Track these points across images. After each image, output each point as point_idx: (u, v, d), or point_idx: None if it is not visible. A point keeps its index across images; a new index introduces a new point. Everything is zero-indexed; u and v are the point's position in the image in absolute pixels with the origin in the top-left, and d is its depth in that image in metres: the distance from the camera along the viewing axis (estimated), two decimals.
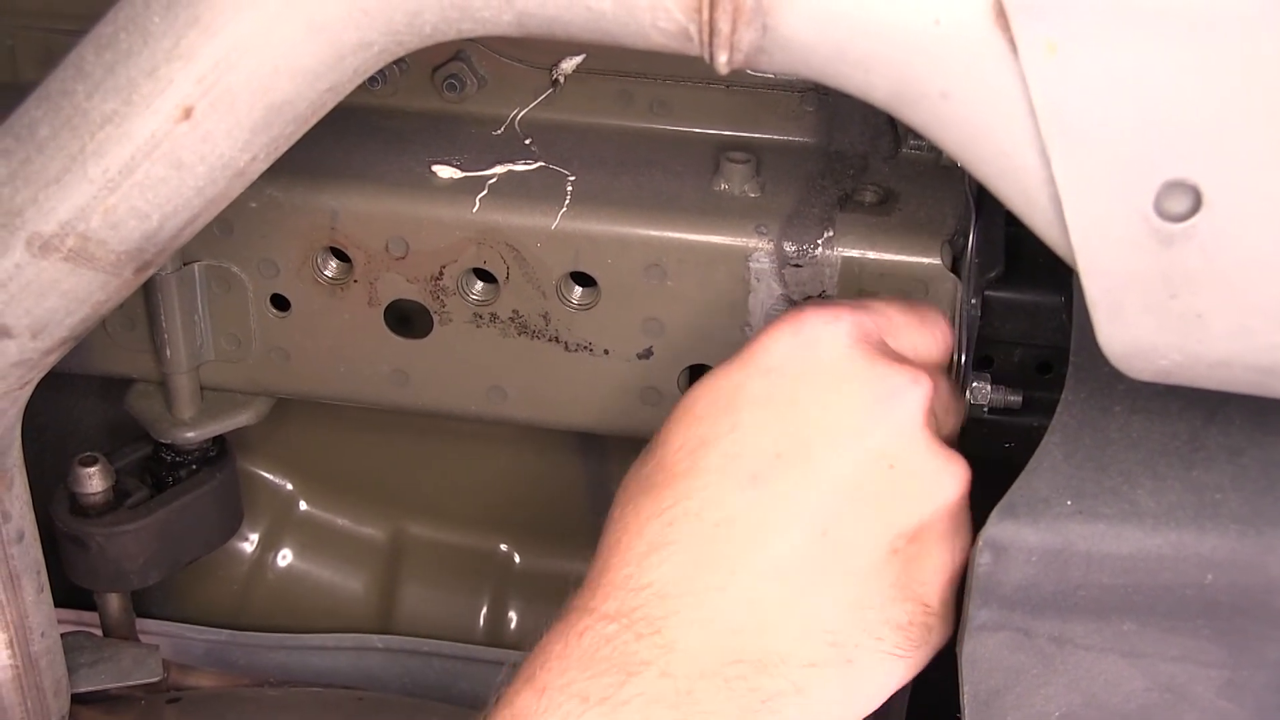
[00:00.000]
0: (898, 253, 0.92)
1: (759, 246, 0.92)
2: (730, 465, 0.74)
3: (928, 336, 0.80)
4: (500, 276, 0.96)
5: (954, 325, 0.91)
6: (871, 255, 0.92)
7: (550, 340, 0.98)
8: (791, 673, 0.72)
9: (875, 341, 0.76)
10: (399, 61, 0.70)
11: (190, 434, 1.09)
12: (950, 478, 0.74)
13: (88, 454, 1.09)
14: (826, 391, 0.74)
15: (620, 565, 0.74)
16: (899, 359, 0.76)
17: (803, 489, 0.73)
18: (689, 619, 0.72)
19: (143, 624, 1.23)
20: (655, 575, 0.73)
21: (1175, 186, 0.62)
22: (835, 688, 0.73)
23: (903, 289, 0.91)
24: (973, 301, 0.94)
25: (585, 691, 0.70)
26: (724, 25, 0.63)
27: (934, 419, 0.76)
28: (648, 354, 0.98)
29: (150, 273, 0.76)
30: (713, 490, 0.74)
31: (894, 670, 0.75)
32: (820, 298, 0.92)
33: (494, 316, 0.98)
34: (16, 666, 0.92)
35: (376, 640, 1.33)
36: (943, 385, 0.79)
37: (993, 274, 0.97)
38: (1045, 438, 0.75)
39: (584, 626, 0.72)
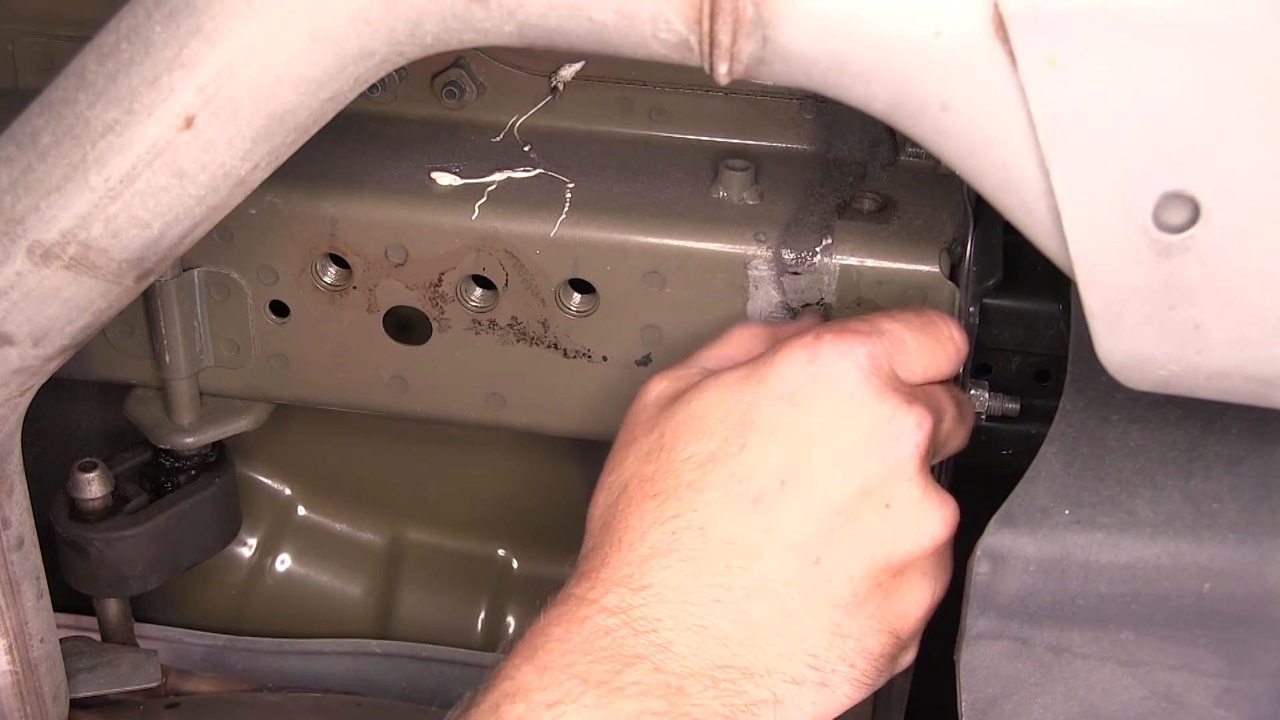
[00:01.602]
0: (896, 260, 0.92)
1: (758, 254, 0.93)
2: (736, 486, 0.77)
3: (939, 353, 0.82)
4: (499, 283, 0.97)
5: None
6: (870, 263, 0.92)
7: (549, 347, 0.99)
8: (774, 685, 0.76)
9: (886, 372, 0.78)
10: (399, 69, 0.70)
11: (189, 439, 1.09)
12: (939, 520, 0.77)
13: (87, 459, 1.09)
14: (833, 426, 0.77)
15: (621, 564, 0.77)
16: (906, 394, 0.78)
17: (801, 517, 0.76)
18: (684, 624, 0.75)
19: (141, 629, 1.23)
20: (655, 579, 0.76)
21: (1174, 198, 0.62)
22: (809, 704, 0.76)
23: (901, 297, 0.91)
24: (971, 309, 0.94)
25: (585, 674, 0.73)
26: (724, 37, 0.64)
27: (932, 454, 0.79)
28: (646, 361, 0.98)
29: (151, 280, 0.76)
30: (717, 508, 0.77)
31: (856, 695, 0.78)
32: (820, 304, 0.93)
33: (493, 323, 0.98)
34: (16, 672, 0.92)
35: (375, 645, 1.33)
36: (949, 405, 0.81)
37: (991, 282, 0.98)
38: (1043, 447, 0.76)
39: (584, 615, 0.75)
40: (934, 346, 0.81)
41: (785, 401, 0.77)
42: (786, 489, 0.76)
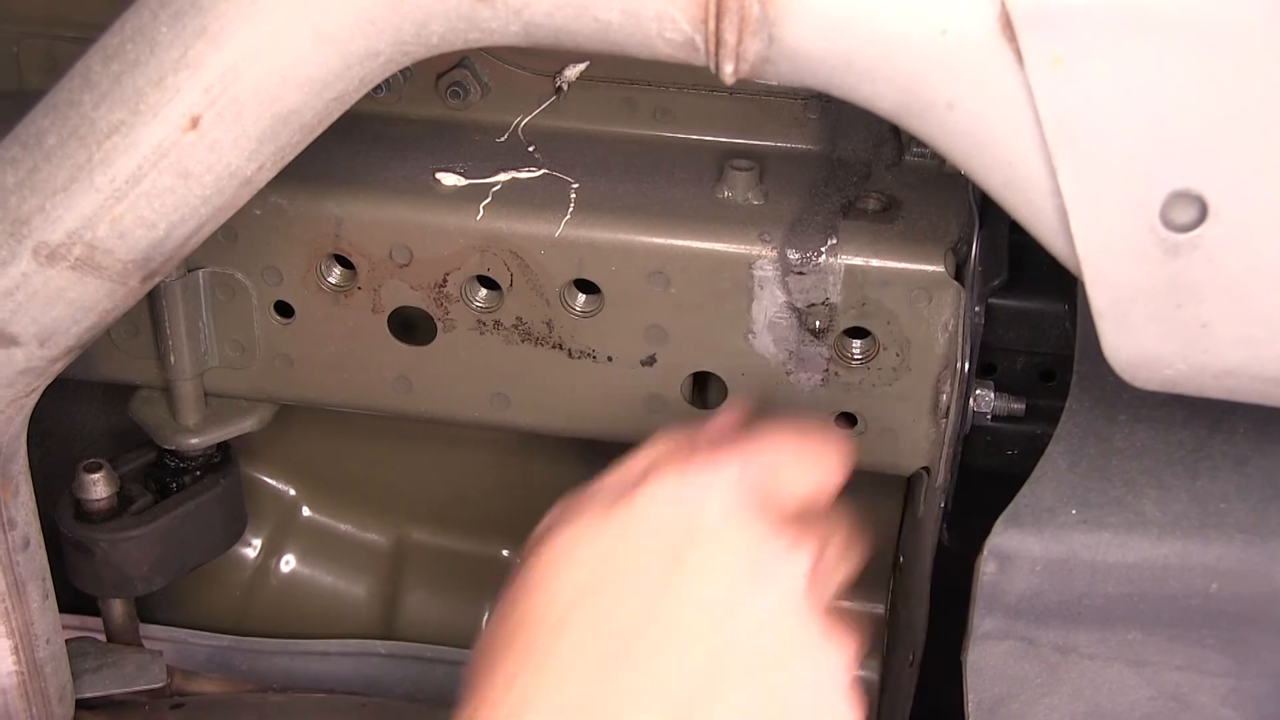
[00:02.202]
0: (901, 260, 0.92)
1: (762, 254, 0.92)
2: (590, 643, 0.69)
3: (818, 470, 0.74)
4: (504, 284, 0.96)
5: (957, 336, 0.91)
6: (875, 263, 0.92)
7: (553, 347, 0.99)
8: None
9: (760, 496, 0.71)
10: (403, 69, 0.70)
11: (194, 440, 1.09)
12: (831, 656, 0.69)
13: (92, 460, 1.09)
14: (697, 566, 0.69)
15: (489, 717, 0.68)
16: (783, 519, 0.71)
17: (660, 676, 0.68)
18: None
19: (146, 629, 1.23)
20: None
21: (1181, 197, 0.62)
22: None
23: (906, 297, 0.91)
24: (976, 309, 0.94)
25: None
26: (730, 36, 0.64)
27: (820, 584, 0.70)
28: (651, 361, 0.98)
29: (156, 281, 0.76)
30: (572, 668, 0.69)
31: None
32: (825, 304, 0.92)
33: (497, 324, 0.98)
34: (21, 673, 0.92)
35: (379, 646, 1.33)
36: (832, 533, 0.73)
37: (996, 281, 0.98)
38: (1049, 446, 0.76)
39: None
40: (812, 463, 0.74)
41: (648, 536, 0.70)
42: (644, 643, 0.68)
